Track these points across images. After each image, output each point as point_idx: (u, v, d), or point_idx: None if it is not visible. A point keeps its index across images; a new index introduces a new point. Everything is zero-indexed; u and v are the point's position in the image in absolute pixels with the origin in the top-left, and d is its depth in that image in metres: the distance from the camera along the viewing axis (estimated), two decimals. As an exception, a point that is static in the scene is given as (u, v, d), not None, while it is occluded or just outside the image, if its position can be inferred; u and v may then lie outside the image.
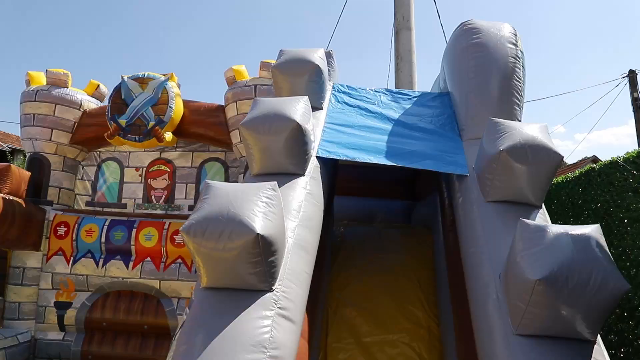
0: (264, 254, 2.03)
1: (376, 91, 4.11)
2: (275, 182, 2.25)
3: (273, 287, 2.14)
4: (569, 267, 1.86)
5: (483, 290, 2.40)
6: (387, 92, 4.12)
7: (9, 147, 22.98)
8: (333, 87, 4.09)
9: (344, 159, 3.18)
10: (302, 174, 2.87)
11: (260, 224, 2.00)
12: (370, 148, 3.27)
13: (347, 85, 4.14)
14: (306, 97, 3.00)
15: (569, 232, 1.99)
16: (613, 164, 4.73)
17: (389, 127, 3.61)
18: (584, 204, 5.22)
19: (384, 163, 3.14)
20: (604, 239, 2.02)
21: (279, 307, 2.10)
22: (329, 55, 4.24)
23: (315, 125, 3.34)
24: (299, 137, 2.77)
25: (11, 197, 5.16)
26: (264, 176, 2.84)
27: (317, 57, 3.57)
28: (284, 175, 2.82)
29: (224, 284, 2.13)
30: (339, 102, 3.90)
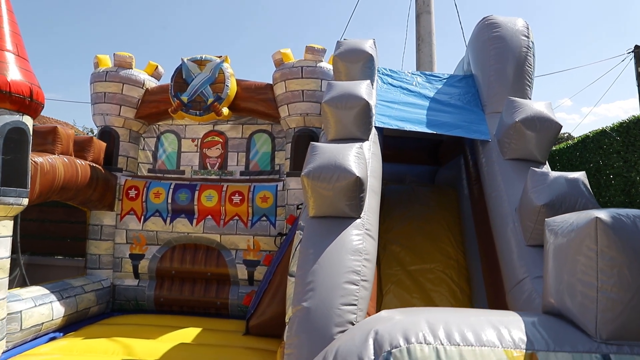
0: (358, 191, 2.97)
1: (413, 74, 4.98)
2: (361, 143, 3.16)
3: (360, 216, 3.09)
4: (563, 196, 2.82)
5: (503, 221, 3.36)
6: (421, 75, 5.00)
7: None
8: (378, 70, 4.95)
9: (395, 127, 4.08)
10: (367, 139, 3.77)
11: (357, 170, 2.93)
12: (413, 120, 4.18)
13: (389, 69, 5.02)
14: (368, 81, 3.89)
15: (564, 175, 2.94)
16: (602, 132, 5.67)
17: (426, 103, 4.50)
18: (580, 165, 6.13)
19: (425, 131, 4.06)
20: (587, 180, 2.97)
21: (366, 229, 3.04)
22: (374, 44, 5.09)
23: None
24: (365, 111, 3.67)
25: (94, 165, 6.09)
26: (338, 140, 3.73)
27: (369, 47, 4.43)
28: (354, 139, 3.71)
29: (327, 214, 3.05)
30: (384, 83, 4.78)
